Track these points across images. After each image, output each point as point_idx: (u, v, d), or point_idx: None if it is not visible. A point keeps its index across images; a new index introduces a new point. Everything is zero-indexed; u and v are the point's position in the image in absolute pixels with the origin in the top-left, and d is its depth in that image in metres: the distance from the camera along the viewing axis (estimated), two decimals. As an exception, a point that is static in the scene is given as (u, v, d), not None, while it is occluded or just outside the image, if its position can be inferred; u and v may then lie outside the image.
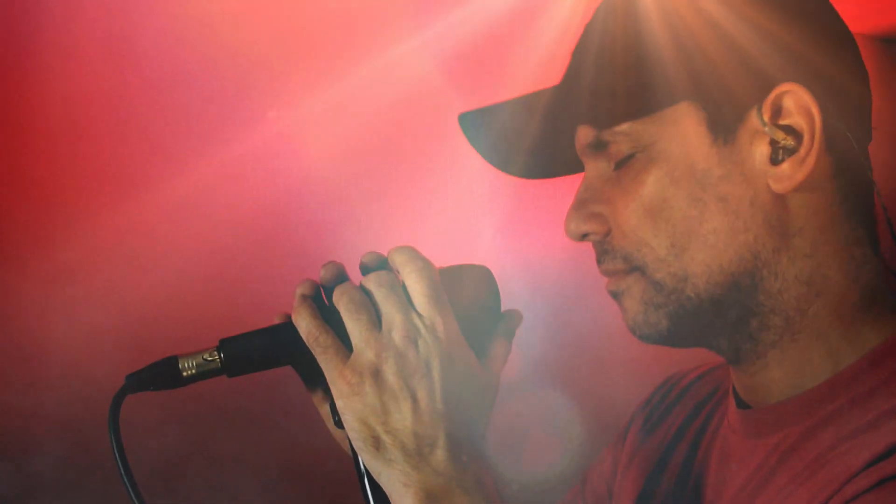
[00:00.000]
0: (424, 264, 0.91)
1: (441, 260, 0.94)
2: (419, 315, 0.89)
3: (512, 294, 0.99)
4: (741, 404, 0.96)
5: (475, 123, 1.01)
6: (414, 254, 0.93)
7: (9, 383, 1.90)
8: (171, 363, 0.90)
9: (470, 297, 0.94)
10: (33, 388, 1.91)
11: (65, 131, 1.97)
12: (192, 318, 2.00)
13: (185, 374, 0.90)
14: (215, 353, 0.91)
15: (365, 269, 0.96)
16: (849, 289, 0.88)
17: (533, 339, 1.32)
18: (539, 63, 1.99)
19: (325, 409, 0.98)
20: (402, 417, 0.86)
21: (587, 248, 0.98)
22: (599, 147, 0.91)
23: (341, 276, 0.94)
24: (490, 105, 1.00)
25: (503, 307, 0.98)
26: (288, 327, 0.92)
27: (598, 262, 0.94)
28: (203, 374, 0.91)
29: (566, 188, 1.00)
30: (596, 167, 0.93)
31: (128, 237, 2.01)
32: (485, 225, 2.24)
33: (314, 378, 0.97)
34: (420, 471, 0.86)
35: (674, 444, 1.08)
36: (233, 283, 2.11)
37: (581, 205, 0.93)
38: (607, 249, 0.92)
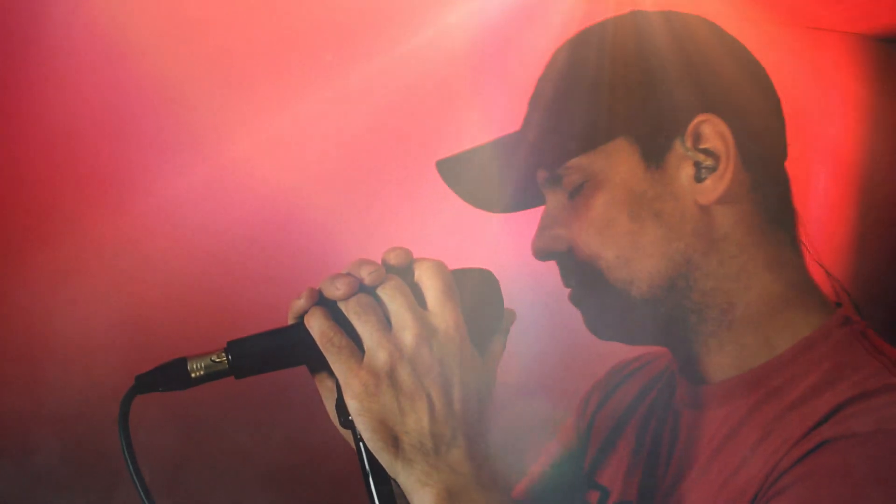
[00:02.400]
0: (438, 262, 0.93)
1: (440, 259, 0.94)
2: (431, 313, 0.90)
3: (511, 294, 1.00)
4: (691, 381, 1.09)
5: (452, 170, 1.12)
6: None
7: (9, 383, 1.91)
8: (179, 364, 0.91)
9: (476, 299, 0.95)
10: (34, 387, 1.91)
11: (65, 132, 1.97)
12: (192, 318, 2.00)
13: (193, 375, 0.90)
14: (223, 354, 0.91)
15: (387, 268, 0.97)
16: (774, 283, 1.04)
17: (531, 339, 1.33)
18: (539, 62, 1.99)
19: (332, 409, 0.98)
20: (419, 418, 0.87)
21: None
22: (555, 181, 1.05)
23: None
24: (462, 152, 1.11)
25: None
26: (295, 329, 0.92)
27: (562, 276, 1.08)
28: (211, 375, 0.91)
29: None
30: (554, 198, 1.08)
31: (127, 237, 2.02)
32: (485, 225, 2.24)
33: (324, 378, 0.97)
34: (439, 470, 0.87)
35: (626, 418, 1.21)
36: (232, 283, 2.11)
37: (543, 230, 1.07)
38: (568, 265, 1.06)
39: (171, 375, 0.90)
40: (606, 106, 1.03)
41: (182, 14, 2.03)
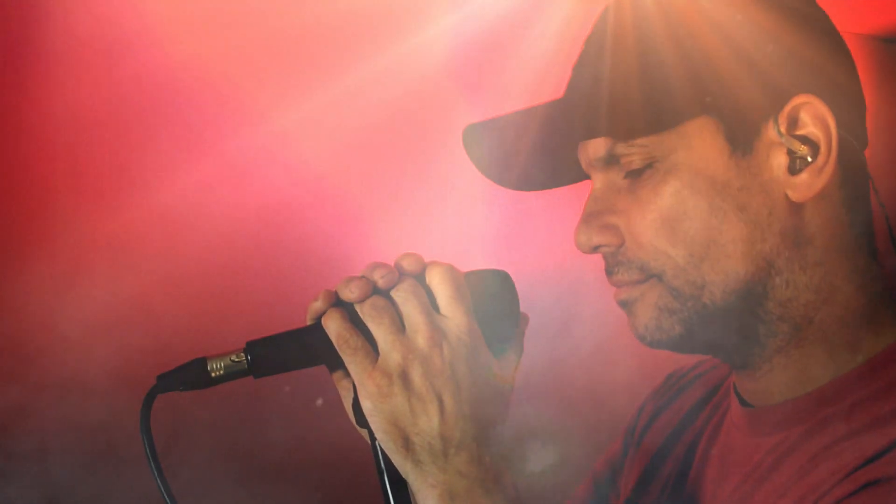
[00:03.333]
0: (449, 266, 0.93)
1: (449, 261, 0.95)
2: (443, 317, 0.91)
3: (521, 294, 0.99)
4: (744, 403, 1.00)
5: (476, 138, 1.02)
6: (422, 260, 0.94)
7: (10, 383, 1.91)
8: (199, 364, 0.93)
9: (491, 300, 0.95)
10: (34, 387, 1.91)
11: (64, 132, 1.97)
12: (191, 318, 2.00)
13: (213, 374, 0.92)
14: (242, 354, 0.93)
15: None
16: (853, 297, 0.92)
17: (542, 339, 1.33)
18: (540, 62, 2.00)
19: (350, 408, 0.98)
20: (429, 419, 0.88)
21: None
22: (611, 160, 0.93)
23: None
24: (490, 119, 1.01)
25: None
26: (313, 330, 0.93)
27: (610, 272, 0.96)
28: (230, 374, 0.93)
29: (568, 189, 1.01)
30: (605, 179, 0.95)
31: (127, 237, 2.02)
32: (487, 227, 2.24)
33: (341, 378, 0.98)
34: (445, 472, 0.88)
35: (676, 435, 1.12)
36: (232, 283, 2.11)
37: (592, 217, 0.95)
38: (622, 261, 0.94)
39: (191, 375, 0.93)
40: (690, 78, 0.88)
41: (182, 13, 2.03)
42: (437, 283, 0.91)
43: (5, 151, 1.95)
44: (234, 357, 0.92)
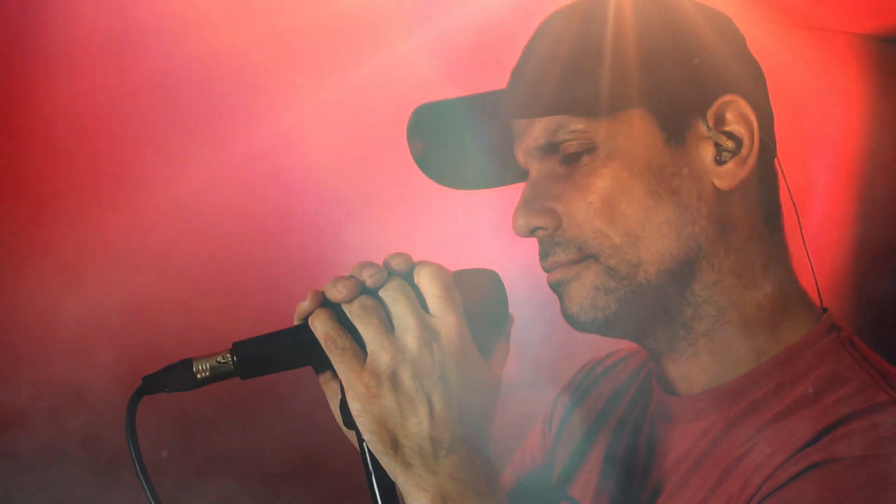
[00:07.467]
0: (438, 266, 0.93)
1: (440, 261, 0.94)
2: (433, 316, 0.90)
3: (511, 294, 0.99)
4: (667, 392, 1.04)
5: (422, 133, 1.10)
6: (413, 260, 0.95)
7: (9, 383, 1.91)
8: (185, 365, 0.92)
9: (480, 300, 0.95)
10: (33, 387, 1.91)
11: (65, 131, 1.97)
12: (191, 318, 2.00)
13: (199, 376, 0.92)
14: (228, 355, 0.92)
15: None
16: (769, 284, 0.99)
17: (531, 339, 1.32)
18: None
19: (337, 410, 0.98)
20: (419, 421, 0.87)
21: None
22: (550, 149, 0.98)
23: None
24: (436, 103, 1.08)
25: None
26: (300, 331, 0.92)
27: (546, 255, 1.00)
28: (217, 376, 0.92)
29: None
30: (542, 168, 1.00)
31: (127, 237, 2.02)
32: (484, 225, 2.24)
33: (328, 379, 0.98)
34: (437, 475, 0.87)
35: (598, 424, 1.16)
36: (232, 282, 2.12)
37: (530, 202, 1.00)
38: (559, 241, 0.99)
39: (177, 376, 0.92)
40: (626, 73, 0.95)
41: (183, 12, 2.03)
42: (427, 282, 0.91)
43: (6, 151, 1.96)
44: (219, 358, 0.91)
